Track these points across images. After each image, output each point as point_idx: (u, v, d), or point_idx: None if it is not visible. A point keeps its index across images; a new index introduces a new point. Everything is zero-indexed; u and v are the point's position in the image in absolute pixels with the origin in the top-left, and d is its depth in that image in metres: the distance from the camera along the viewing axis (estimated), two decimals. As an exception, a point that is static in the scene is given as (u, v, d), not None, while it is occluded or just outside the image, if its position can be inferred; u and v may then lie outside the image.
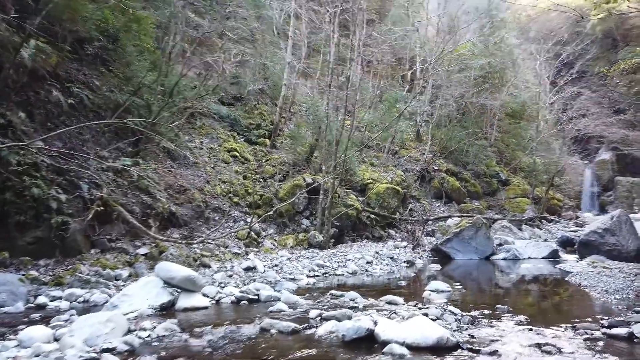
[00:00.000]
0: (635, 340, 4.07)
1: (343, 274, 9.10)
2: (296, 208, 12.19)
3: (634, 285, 6.49)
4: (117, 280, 7.31)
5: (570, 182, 24.93)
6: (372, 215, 13.61)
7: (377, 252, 11.38)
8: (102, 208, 8.24)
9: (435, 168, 17.39)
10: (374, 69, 19.68)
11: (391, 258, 11.27)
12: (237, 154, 13.31)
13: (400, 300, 5.95)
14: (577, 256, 12.23)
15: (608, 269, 8.59)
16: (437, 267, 10.74)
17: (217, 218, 11.06)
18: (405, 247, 13.07)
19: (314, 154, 13.82)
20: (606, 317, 4.78)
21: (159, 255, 8.75)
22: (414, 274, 9.62)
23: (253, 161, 13.48)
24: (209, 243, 9.78)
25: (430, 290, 6.69)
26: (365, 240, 13.13)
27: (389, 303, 5.88)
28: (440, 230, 14.68)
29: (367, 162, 15.74)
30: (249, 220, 11.13)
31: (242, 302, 6.21)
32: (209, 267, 8.72)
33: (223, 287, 7.06)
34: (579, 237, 12.46)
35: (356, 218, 13.00)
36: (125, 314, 5.18)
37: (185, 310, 5.70)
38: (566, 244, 14.07)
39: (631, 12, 10.28)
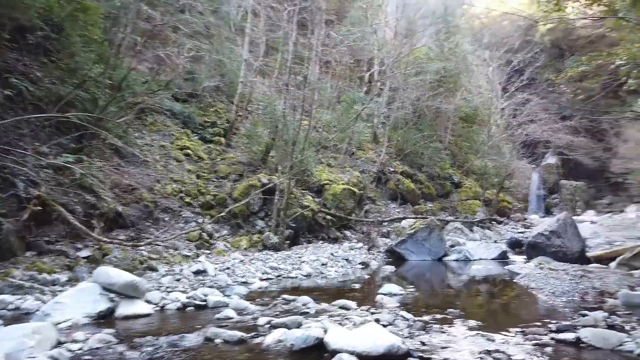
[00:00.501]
0: (581, 345, 4.10)
1: (297, 277, 8.90)
2: (251, 209, 11.87)
3: (579, 288, 6.66)
4: (55, 285, 6.79)
5: (519, 185, 25.86)
6: (329, 217, 13.50)
7: (332, 254, 11.26)
8: (39, 208, 7.68)
9: (392, 170, 17.51)
10: (333, 69, 19.61)
11: (346, 260, 11.17)
12: (191, 152, 12.85)
13: (353, 304, 5.82)
14: (525, 257, 12.59)
15: (554, 270, 8.83)
16: (392, 268, 10.73)
17: (167, 219, 10.60)
18: (360, 248, 13.03)
19: (270, 154, 13.54)
20: (554, 321, 4.83)
21: (102, 258, 8.24)
22: (369, 275, 9.56)
23: (207, 160, 13.06)
24: (158, 245, 9.33)
25: (383, 294, 6.60)
26: (321, 241, 12.99)
27: (342, 308, 5.74)
28: (395, 231, 14.79)
29: (324, 163, 15.61)
30: (200, 221, 10.75)
31: (189, 308, 5.89)
32: (156, 270, 8.29)
33: (169, 292, 6.69)
34: (527, 239, 12.83)
35: (312, 219, 12.84)
36: (58, 324, 4.77)
37: (126, 318, 5.32)
38: (515, 245, 14.47)
39: (582, 19, 10.64)
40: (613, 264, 8.94)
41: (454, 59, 20.16)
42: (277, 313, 5.48)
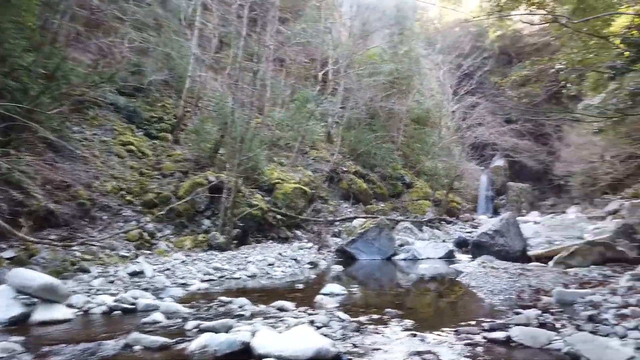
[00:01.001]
0: (512, 343, 4.08)
1: (241, 278, 8.60)
2: (197, 207, 11.44)
3: (516, 286, 6.75)
4: (-30, 289, 6.18)
5: (469, 186, 26.54)
6: (279, 216, 13.24)
7: (280, 254, 11.01)
8: (-45, 205, 7.03)
9: (344, 169, 17.47)
10: (287, 67, 19.38)
11: (295, 260, 10.97)
12: (134, 148, 12.24)
13: (291, 305, 5.61)
14: (470, 256, 12.83)
15: (495, 269, 9.00)
16: (340, 268, 10.63)
17: (105, 218, 10.00)
18: (310, 248, 12.87)
19: (219, 152, 13.13)
20: (488, 320, 4.82)
21: (28, 259, 7.64)
22: (315, 276, 9.39)
23: (152, 156, 12.49)
24: (92, 245, 8.78)
25: (324, 294, 6.44)
26: (271, 241, 12.72)
27: (279, 309, 5.52)
28: (346, 231, 14.73)
29: (276, 162, 15.34)
30: (142, 220, 10.24)
31: (115, 312, 5.48)
32: (88, 272, 7.76)
33: (98, 294, 6.25)
34: (472, 238, 13.07)
35: (262, 218, 12.55)
36: (-40, 333, 4.29)
37: (42, 324, 4.87)
38: (461, 244, 14.73)
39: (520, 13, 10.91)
40: (551, 263, 9.20)
41: (407, 61, 20.40)
42: (209, 316, 5.19)
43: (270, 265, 9.83)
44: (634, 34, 7.08)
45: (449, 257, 13.23)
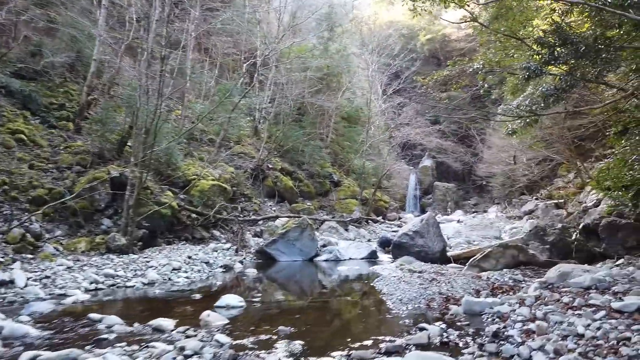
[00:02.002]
0: (406, 371, 3.52)
1: (135, 286, 7.56)
2: (96, 205, 10.16)
3: (426, 293, 6.33)
4: None
5: (398, 186, 26.72)
6: (194, 215, 12.21)
7: (190, 257, 10.01)
8: None
9: (270, 166, 16.67)
10: (213, 58, 18.22)
11: (206, 263, 10.04)
12: (25, 138, 10.70)
13: (171, 324, 4.76)
14: (391, 257, 12.54)
15: (412, 272, 8.61)
16: (255, 272, 9.86)
17: (-23, 216, 8.54)
18: (228, 249, 11.98)
19: (127, 144, 11.86)
20: (387, 340, 4.25)
21: None
22: (223, 282, 8.53)
23: (47, 147, 10.99)
24: (-47, 250, 7.37)
25: (219, 307, 5.64)
26: (184, 242, 11.67)
27: (155, 330, 4.65)
28: (268, 230, 13.94)
29: (196, 157, 14.23)
30: (26, 219, 8.85)
31: (-59, 339, 4.36)
32: (-64, 283, 6.43)
33: None
34: (393, 239, 12.77)
35: (173, 217, 11.46)
36: None
37: None
38: (385, 244, 14.45)
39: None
40: (466, 266, 8.97)
41: (337, 57, 19.93)
42: (62, 341, 4.22)
43: (174, 270, 8.84)
44: (548, 35, 6.90)
45: (371, 258, 12.86)
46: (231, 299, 5.94)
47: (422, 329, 4.57)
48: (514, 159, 19.45)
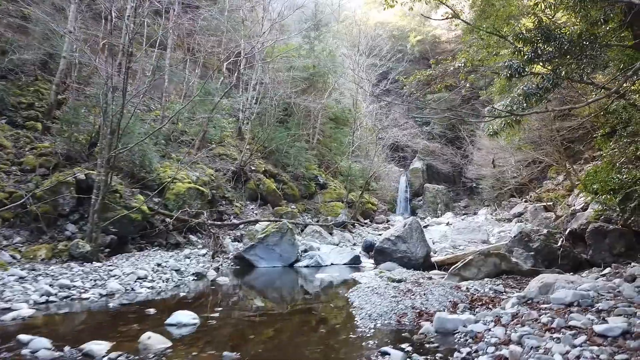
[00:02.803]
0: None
1: (90, 298, 6.98)
2: (60, 210, 9.58)
3: (398, 308, 5.80)
4: None
5: (387, 188, 26.19)
6: (168, 219, 11.64)
7: (159, 264, 9.45)
8: None
9: (253, 168, 16.12)
10: (197, 57, 17.65)
11: (176, 270, 9.47)
12: (-12, 139, 10.12)
13: (104, 349, 4.21)
14: (373, 263, 12.03)
15: (390, 281, 8.10)
16: (227, 280, 9.33)
17: None
18: (204, 255, 11.44)
19: (97, 145, 11.26)
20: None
21: None
22: (187, 293, 7.98)
23: (11, 148, 10.39)
24: None
25: (169, 325, 5.10)
26: (157, 248, 11.12)
27: (86, 355, 4.11)
28: (249, 235, 13.36)
29: (174, 158, 13.65)
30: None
31: None
32: None
33: None
34: (375, 243, 12.26)
35: (145, 222, 10.90)
36: None
37: None
38: (369, 249, 13.89)
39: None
40: (447, 275, 8.45)
41: (324, 57, 19.39)
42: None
43: (139, 279, 8.26)
44: (531, 32, 6.42)
45: (354, 264, 12.35)
46: (183, 316, 5.38)
47: (384, 354, 4.05)
48: (492, 162, 19.00)
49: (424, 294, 6.50)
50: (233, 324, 5.73)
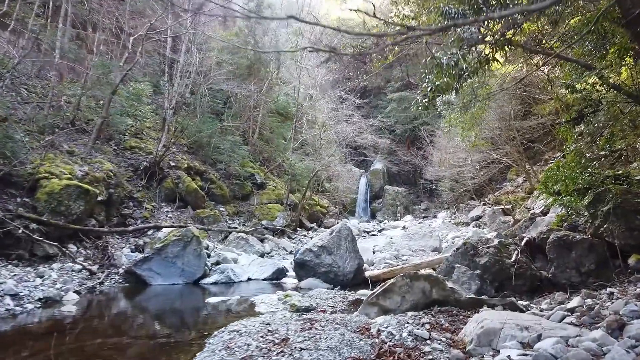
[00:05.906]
0: None
1: None
2: None
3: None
4: None
5: (343, 189, 23.82)
6: (35, 225, 8.87)
7: (-13, 288, 6.75)
8: None
9: (173, 164, 13.45)
10: (122, 39, 14.88)
11: (14, 295, 6.80)
12: None
13: None
14: (296, 278, 9.57)
15: (292, 310, 5.64)
16: (78, 309, 6.69)
17: None
18: (80, 270, 8.76)
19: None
20: None
21: None
22: (15, 331, 5.33)
23: None
24: None
25: None
26: (16, 261, 8.37)
27: None
28: (152, 243, 10.76)
29: (62, 150, 10.89)
30: None
31: None
32: None
33: None
34: (295, 256, 9.81)
35: (-4, 228, 8.14)
36: None
37: None
38: (301, 259, 11.48)
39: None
40: (363, 304, 6.00)
41: (267, 45, 16.87)
42: None
43: None
44: None
45: (276, 278, 9.90)
46: None
47: None
48: (441, 161, 16.89)
49: (307, 346, 4.03)
50: None
